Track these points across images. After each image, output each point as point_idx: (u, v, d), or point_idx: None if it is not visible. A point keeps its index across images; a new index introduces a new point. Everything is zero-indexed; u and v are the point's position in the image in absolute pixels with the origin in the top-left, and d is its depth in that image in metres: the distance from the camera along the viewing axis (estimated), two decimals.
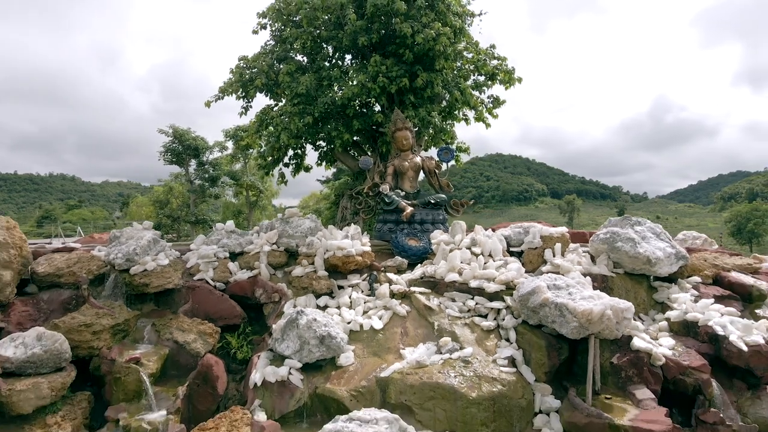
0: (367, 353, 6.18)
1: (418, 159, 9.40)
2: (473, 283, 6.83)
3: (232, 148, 20.93)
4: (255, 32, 11.97)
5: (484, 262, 7.24)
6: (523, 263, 7.38)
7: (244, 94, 11.79)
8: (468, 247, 7.52)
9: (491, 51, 12.27)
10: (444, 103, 12.06)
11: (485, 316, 6.55)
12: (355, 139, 11.94)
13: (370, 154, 10.99)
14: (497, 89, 13.21)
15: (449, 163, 9.44)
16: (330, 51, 11.94)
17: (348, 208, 10.77)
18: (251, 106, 12.12)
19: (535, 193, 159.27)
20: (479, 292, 6.75)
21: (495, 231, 8.09)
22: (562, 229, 7.87)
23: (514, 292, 6.43)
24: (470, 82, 12.38)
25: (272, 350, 6.17)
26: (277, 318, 6.60)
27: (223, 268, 7.31)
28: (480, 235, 7.67)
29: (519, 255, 7.71)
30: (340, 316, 6.58)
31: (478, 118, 12.63)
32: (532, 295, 6.05)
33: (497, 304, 6.56)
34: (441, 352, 5.95)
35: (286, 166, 12.70)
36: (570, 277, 6.63)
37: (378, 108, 11.62)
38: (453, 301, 6.77)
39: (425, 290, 7.01)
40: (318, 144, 12.39)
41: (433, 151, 10.36)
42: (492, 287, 6.68)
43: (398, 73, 10.65)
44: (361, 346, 6.28)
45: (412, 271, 7.62)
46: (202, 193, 22.02)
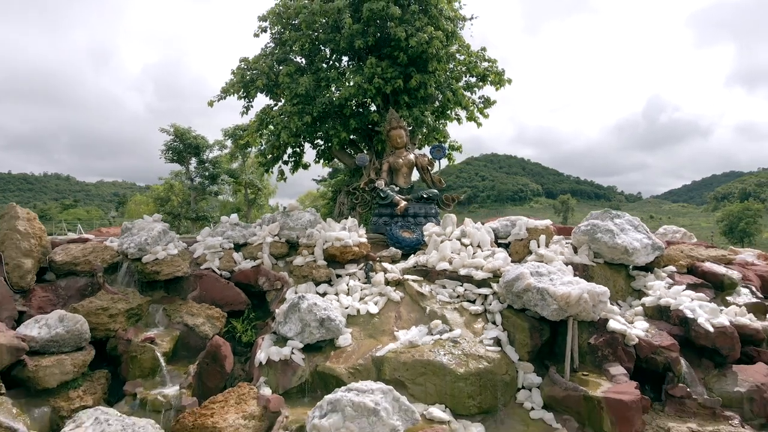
0: (364, 335, 6.66)
1: (411, 156, 9.91)
2: (462, 271, 7.33)
3: (230, 146, 21.39)
4: (256, 35, 12.45)
5: (473, 253, 7.74)
6: (510, 254, 7.87)
7: (245, 94, 12.26)
8: (458, 239, 8.02)
9: (482, 53, 12.78)
10: (437, 104, 12.55)
11: (473, 301, 7.05)
12: (352, 137, 12.42)
13: (366, 152, 11.46)
14: (488, 90, 13.75)
15: (441, 161, 9.96)
16: (328, 53, 12.40)
17: (345, 203, 11.26)
18: (252, 106, 12.63)
19: (530, 193, 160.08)
20: (468, 279, 7.25)
21: (484, 224, 8.58)
22: (546, 221, 8.38)
23: (500, 278, 6.92)
24: (462, 83, 12.89)
25: (275, 333, 6.63)
26: (279, 304, 7.06)
27: (228, 258, 7.78)
28: (469, 227, 8.17)
29: (506, 246, 8.20)
30: (338, 301, 7.05)
31: (470, 118, 13.14)
32: (517, 281, 6.54)
33: (485, 291, 7.05)
34: (432, 334, 6.43)
35: (285, 163, 13.19)
36: (553, 266, 7.12)
37: (374, 108, 12.11)
38: (443, 287, 7.27)
39: (418, 278, 7.50)
40: (316, 143, 12.87)
41: (426, 149, 10.87)
42: (480, 275, 7.18)
43: (393, 75, 11.12)
44: (358, 329, 6.75)
45: (406, 261, 8.12)
46: (202, 191, 22.49)
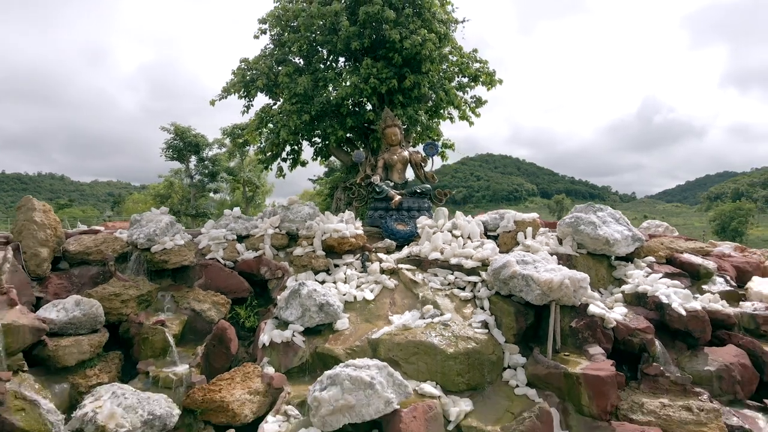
0: (360, 320, 7.10)
1: (405, 153, 10.35)
2: (453, 261, 7.77)
3: (229, 145, 21.78)
4: (256, 37, 12.86)
5: (463, 243, 8.19)
6: (498, 245, 8.32)
7: (245, 94, 12.69)
8: (449, 230, 8.48)
9: (474, 54, 13.23)
10: (430, 103, 12.97)
11: (463, 288, 7.49)
12: (349, 135, 12.85)
13: (362, 149, 11.88)
14: (480, 90, 14.18)
15: (434, 157, 10.40)
16: (325, 54, 12.81)
17: (342, 199, 11.67)
18: (252, 105, 13.04)
19: (524, 193, 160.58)
20: (458, 268, 7.70)
21: (474, 217, 9.04)
22: (533, 215, 8.83)
23: (488, 267, 7.36)
24: (454, 83, 13.32)
25: (277, 318, 7.05)
26: (280, 291, 7.48)
27: (232, 249, 8.20)
28: (460, 220, 8.63)
29: (495, 238, 8.65)
30: (336, 289, 7.48)
31: (462, 117, 13.58)
32: (503, 269, 6.99)
33: (474, 278, 7.50)
34: (424, 318, 6.87)
35: (284, 160, 13.61)
36: (538, 255, 7.57)
37: (369, 107, 12.52)
38: (435, 276, 7.72)
39: (411, 267, 7.94)
40: (314, 141, 13.29)
41: (420, 147, 11.31)
42: (469, 264, 7.63)
43: (388, 75, 11.54)
44: (354, 314, 7.19)
45: (400, 252, 8.56)
46: (201, 188, 22.91)
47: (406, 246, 8.70)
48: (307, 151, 14.27)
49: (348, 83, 11.74)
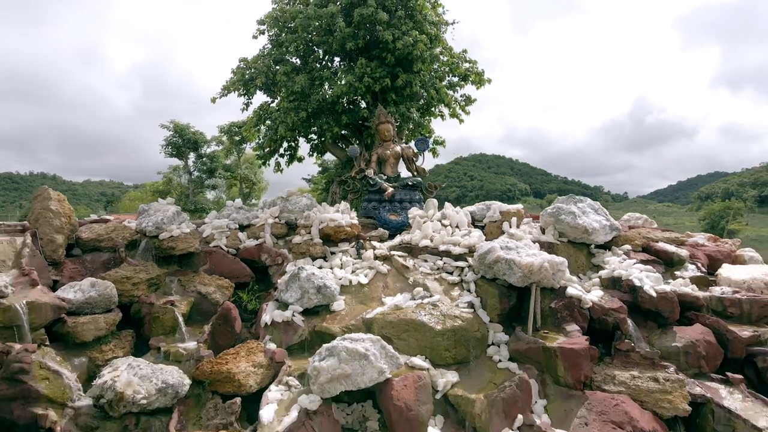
0: (355, 302, 7.63)
1: (398, 148, 10.89)
2: (442, 247, 8.32)
3: (226, 142, 22.30)
4: (254, 37, 13.36)
5: (452, 232, 8.73)
6: (485, 234, 8.87)
7: (245, 92, 13.20)
8: (439, 220, 9.02)
9: (463, 55, 13.78)
10: (422, 101, 13.50)
11: (451, 273, 8.03)
12: (343, 132, 13.37)
13: (357, 145, 12.42)
14: (469, 89, 14.75)
15: (425, 152, 10.95)
16: (321, 54, 13.31)
17: (337, 192, 12.20)
18: (251, 103, 13.54)
19: (518, 193, 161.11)
20: (447, 254, 8.24)
21: (462, 208, 9.58)
22: (518, 206, 9.39)
23: (475, 253, 7.91)
24: (445, 82, 13.85)
25: (278, 300, 7.56)
26: (280, 276, 7.98)
27: (234, 237, 8.71)
28: (449, 210, 9.17)
29: (482, 228, 9.20)
30: (332, 273, 7.99)
31: (453, 115, 14.13)
32: (488, 254, 7.53)
33: (461, 264, 8.05)
34: (414, 299, 7.40)
35: (282, 156, 14.12)
36: (522, 243, 8.11)
37: (364, 105, 13.04)
38: (425, 261, 8.26)
39: (403, 254, 8.48)
40: (310, 137, 13.82)
41: (412, 143, 11.85)
42: (457, 250, 8.17)
43: (381, 74, 12.05)
44: (350, 297, 7.71)
45: (392, 240, 9.10)
46: (200, 184, 23.40)
47: (398, 235, 9.22)
48: (304, 148, 14.80)
49: (343, 82, 12.26)
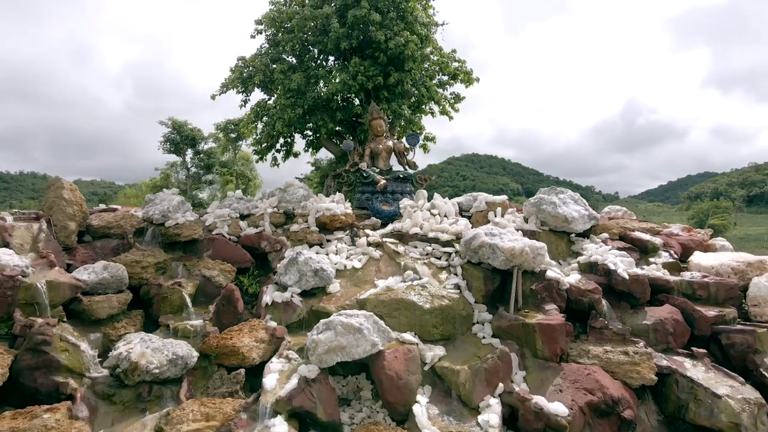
0: (350, 285, 8.16)
1: (390, 143, 11.45)
2: (431, 235, 8.87)
3: (222, 139, 22.78)
4: (252, 36, 13.89)
5: (440, 221, 9.29)
6: (471, 223, 9.43)
7: (243, 89, 13.73)
8: (428, 210, 9.58)
9: (453, 55, 14.37)
10: (413, 99, 14.05)
11: (439, 258, 8.58)
12: (338, 129, 13.92)
13: (350, 140, 12.97)
14: (459, 87, 15.37)
15: (415, 147, 11.51)
16: (316, 53, 13.84)
17: (332, 186, 12.70)
18: (249, 100, 14.07)
19: (510, 193, 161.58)
20: (435, 240, 8.80)
21: (450, 199, 10.14)
22: (503, 197, 9.96)
23: (461, 239, 8.46)
24: (435, 81, 14.43)
25: (277, 283, 8.08)
26: (279, 261, 8.49)
27: (235, 226, 9.22)
28: (438, 201, 9.74)
29: (469, 217, 9.76)
30: (328, 259, 8.53)
31: (443, 112, 14.72)
32: (474, 240, 8.08)
33: (449, 249, 8.60)
34: (405, 281, 7.93)
35: (278, 152, 14.66)
36: (506, 230, 8.68)
37: (357, 102, 13.60)
38: (415, 247, 8.81)
39: (394, 241, 9.03)
40: (305, 133, 14.36)
41: (404, 138, 12.41)
42: (445, 237, 8.73)
43: (374, 73, 12.60)
44: (345, 280, 8.24)
45: (384, 228, 9.63)
46: (198, 180, 23.87)
47: (390, 223, 9.77)
48: (299, 144, 15.32)
49: (338, 80, 12.80)
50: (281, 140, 14.30)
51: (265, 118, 13.74)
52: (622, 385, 6.66)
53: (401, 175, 10.85)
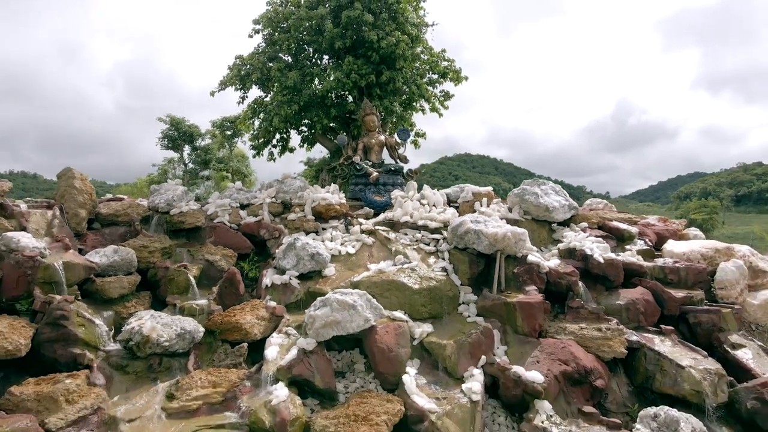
0: (344, 269, 8.71)
1: (382, 137, 12.03)
2: (420, 222, 9.44)
3: (218, 136, 23.30)
4: (250, 36, 14.44)
5: (429, 210, 9.86)
6: (458, 212, 10.00)
7: (241, 87, 14.27)
8: (418, 200, 10.15)
9: (442, 54, 14.96)
10: (404, 96, 14.63)
11: (428, 244, 9.14)
12: (332, 125, 14.49)
13: (344, 135, 13.53)
14: (448, 86, 15.98)
15: (406, 141, 12.10)
16: (311, 52, 14.39)
17: (326, 179, 13.25)
18: (247, 97, 14.62)
19: (502, 193, 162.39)
20: (424, 228, 9.36)
21: (439, 190, 10.72)
22: (488, 188, 10.54)
23: (448, 226, 9.03)
24: (425, 79, 15.03)
25: (276, 267, 8.60)
26: (277, 247, 9.02)
27: (236, 215, 9.73)
28: (427, 191, 10.31)
29: (456, 207, 10.34)
30: (324, 245, 9.07)
31: (432, 109, 15.32)
32: (460, 227, 8.66)
33: (437, 236, 9.17)
34: (396, 265, 8.49)
35: (275, 147, 15.21)
36: (491, 218, 9.26)
37: (351, 99, 14.17)
38: (405, 234, 9.37)
39: (386, 228, 9.58)
40: (301, 129, 14.91)
41: (395, 134, 12.98)
42: (433, 225, 9.30)
43: (367, 71, 13.16)
44: (339, 265, 8.79)
45: (377, 217, 10.19)
46: (195, 176, 24.31)
47: (382, 213, 10.33)
48: (294, 140, 15.85)
49: (332, 78, 13.36)
50: (277, 136, 14.85)
51: (262, 115, 14.28)
52: (594, 358, 7.23)
53: (392, 168, 11.43)
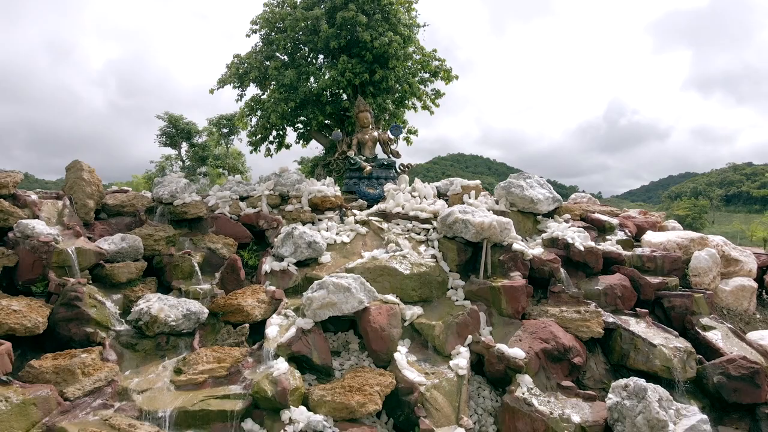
0: (339, 256, 9.19)
1: (375, 133, 12.53)
2: (411, 213, 9.93)
3: (215, 134, 23.77)
4: (248, 36, 14.92)
5: (420, 201, 10.36)
6: (448, 204, 10.50)
7: (239, 84, 14.74)
8: (409, 192, 10.64)
9: (433, 54, 15.47)
10: (396, 94, 15.15)
11: (419, 233, 9.64)
12: (327, 122, 14.98)
13: (339, 131, 14.02)
14: (439, 84, 16.51)
15: (398, 137, 12.61)
16: (307, 51, 14.87)
17: (321, 174, 13.73)
18: (245, 94, 15.10)
19: None
20: (415, 218, 9.86)
21: (430, 183, 11.22)
22: (476, 181, 11.06)
23: (438, 217, 9.53)
24: (417, 78, 15.54)
25: (275, 255, 9.07)
26: (275, 237, 9.49)
27: (236, 206, 10.18)
28: (418, 184, 10.81)
29: (446, 199, 10.85)
30: (320, 235, 9.54)
31: (424, 107, 15.86)
32: (449, 217, 9.15)
33: (427, 226, 9.67)
34: (388, 252, 8.99)
35: (271, 143, 15.68)
36: (478, 209, 9.76)
37: (345, 97, 14.67)
38: (397, 224, 9.86)
39: (379, 219, 10.07)
40: (297, 126, 15.39)
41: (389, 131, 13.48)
42: (424, 215, 9.80)
43: (361, 70, 13.67)
44: (335, 253, 9.27)
45: (370, 209, 10.68)
46: (192, 172, 24.65)
47: (375, 205, 10.82)
48: (291, 136, 16.31)
49: (327, 76, 13.86)
50: (274, 132, 15.32)
51: (259, 112, 14.75)
52: (573, 338, 7.76)
53: (385, 162, 11.93)
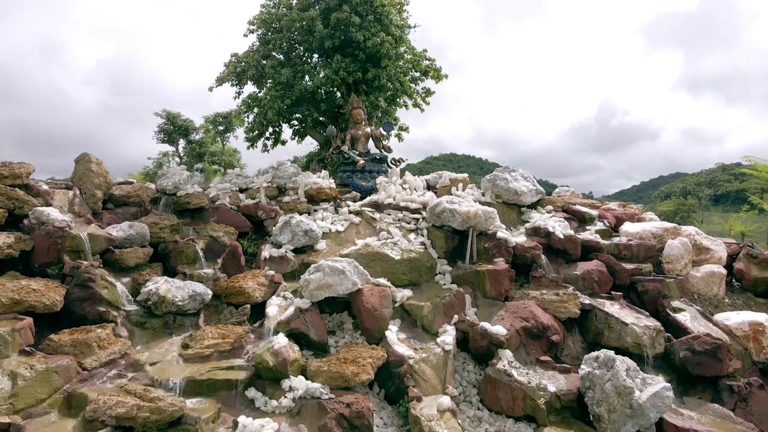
0: (334, 244, 9.75)
1: (368, 129, 13.12)
2: (402, 204, 10.51)
3: (212, 131, 24.30)
4: (245, 35, 15.47)
5: (410, 193, 10.94)
6: (437, 195, 11.08)
7: (237, 83, 15.28)
8: (400, 184, 11.22)
9: (424, 53, 16.08)
10: (388, 92, 15.73)
11: (409, 222, 10.22)
12: (321, 119, 15.54)
13: (333, 127, 14.59)
14: (430, 83, 17.08)
15: (390, 133, 13.19)
16: (302, 51, 15.42)
17: (316, 168, 14.28)
18: (242, 92, 15.63)
19: None
20: (406, 209, 10.44)
21: (420, 177, 11.80)
22: (464, 175, 11.65)
23: (427, 207, 10.11)
24: (408, 77, 16.13)
25: (273, 242, 9.61)
26: (274, 226, 10.03)
27: (235, 197, 10.72)
28: (409, 177, 11.40)
29: (435, 192, 11.43)
30: (316, 224, 10.10)
31: (415, 105, 16.47)
32: (437, 206, 9.73)
33: (417, 216, 10.25)
34: (380, 240, 9.56)
35: (268, 139, 16.22)
36: (465, 200, 10.34)
37: (339, 94, 15.23)
38: (389, 214, 10.43)
39: (371, 209, 10.64)
40: (293, 123, 15.94)
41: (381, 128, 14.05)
42: (414, 206, 10.38)
43: (354, 69, 14.23)
44: (330, 241, 9.82)
45: (363, 201, 11.25)
46: (189, 168, 25.09)
47: (368, 196, 11.39)
48: (286, 133, 16.84)
49: (322, 75, 14.42)
50: (270, 129, 15.87)
51: (256, 109, 15.29)
52: (552, 318, 8.35)
53: (377, 157, 12.51)
